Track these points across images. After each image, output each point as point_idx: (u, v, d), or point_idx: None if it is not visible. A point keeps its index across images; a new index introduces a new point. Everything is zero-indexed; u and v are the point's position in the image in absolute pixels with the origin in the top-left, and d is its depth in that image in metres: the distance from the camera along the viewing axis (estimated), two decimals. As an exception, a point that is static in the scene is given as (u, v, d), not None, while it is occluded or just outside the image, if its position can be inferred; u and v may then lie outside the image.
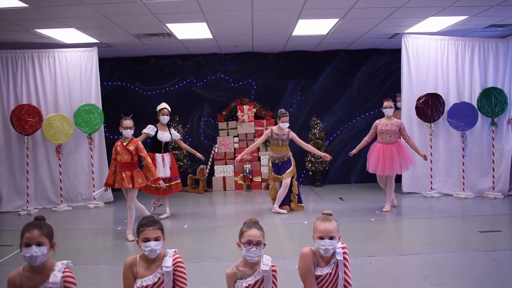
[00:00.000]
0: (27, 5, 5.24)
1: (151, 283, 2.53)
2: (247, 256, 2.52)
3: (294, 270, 3.94)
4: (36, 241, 2.26)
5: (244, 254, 2.53)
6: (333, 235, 2.53)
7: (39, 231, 2.29)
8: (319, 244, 2.54)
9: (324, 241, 2.52)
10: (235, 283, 2.53)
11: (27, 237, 2.27)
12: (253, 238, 2.51)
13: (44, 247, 2.28)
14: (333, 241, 2.53)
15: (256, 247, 2.50)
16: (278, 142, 6.33)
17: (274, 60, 9.09)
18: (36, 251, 2.25)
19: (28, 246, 2.26)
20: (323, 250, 2.53)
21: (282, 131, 6.35)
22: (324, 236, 2.52)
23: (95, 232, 5.89)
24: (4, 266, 4.39)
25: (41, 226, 2.33)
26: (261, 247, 2.53)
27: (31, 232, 2.28)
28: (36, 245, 2.26)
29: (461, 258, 4.16)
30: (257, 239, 2.51)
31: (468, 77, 7.43)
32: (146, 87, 9.07)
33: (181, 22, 6.42)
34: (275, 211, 6.48)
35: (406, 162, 6.20)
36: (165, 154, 6.28)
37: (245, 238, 2.53)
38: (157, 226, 2.60)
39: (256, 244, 2.51)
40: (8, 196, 7.30)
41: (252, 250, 2.50)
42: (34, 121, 7.12)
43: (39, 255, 2.26)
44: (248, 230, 2.54)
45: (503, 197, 7.16)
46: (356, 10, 5.98)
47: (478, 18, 6.50)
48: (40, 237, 2.28)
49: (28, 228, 2.30)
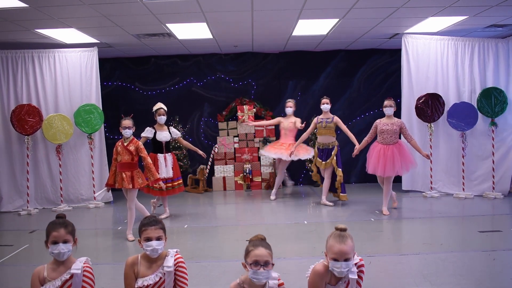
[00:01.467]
0: (27, 5, 5.24)
1: (152, 283, 2.54)
2: (254, 278, 2.33)
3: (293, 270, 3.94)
4: (62, 239, 2.48)
5: (251, 276, 2.33)
6: (349, 256, 2.36)
7: (64, 230, 2.50)
8: (334, 266, 2.38)
9: (339, 263, 2.36)
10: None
11: (55, 236, 2.48)
12: (260, 258, 2.31)
13: (69, 244, 2.51)
14: (349, 262, 2.37)
15: (264, 268, 2.31)
16: (322, 124, 6.75)
17: (274, 60, 9.09)
18: (63, 248, 2.47)
19: (55, 243, 2.47)
20: (337, 272, 2.39)
21: (327, 115, 6.78)
22: (339, 259, 2.36)
23: (95, 232, 5.89)
24: (4, 266, 4.39)
25: (66, 225, 2.54)
26: (269, 268, 2.34)
27: (58, 231, 2.48)
28: (63, 243, 2.47)
29: (461, 258, 4.17)
30: (265, 259, 2.32)
31: (468, 77, 7.43)
32: (146, 87, 9.07)
33: (181, 22, 6.42)
34: (323, 203, 6.91)
35: (406, 163, 6.13)
36: (167, 154, 6.28)
37: (251, 258, 2.32)
38: (159, 226, 2.62)
39: (264, 264, 2.31)
40: (8, 196, 7.31)
41: (259, 272, 2.31)
42: (34, 121, 7.12)
43: (66, 251, 2.48)
44: (255, 250, 2.33)
45: (503, 197, 7.17)
46: (356, 10, 5.99)
47: (478, 18, 6.50)
48: (66, 235, 2.50)
49: (55, 227, 2.50)
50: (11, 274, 4.15)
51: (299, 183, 9.20)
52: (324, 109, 6.76)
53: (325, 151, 6.74)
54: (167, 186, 6.18)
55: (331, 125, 6.69)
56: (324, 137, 6.74)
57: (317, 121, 6.82)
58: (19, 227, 6.29)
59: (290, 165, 9.02)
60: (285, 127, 7.49)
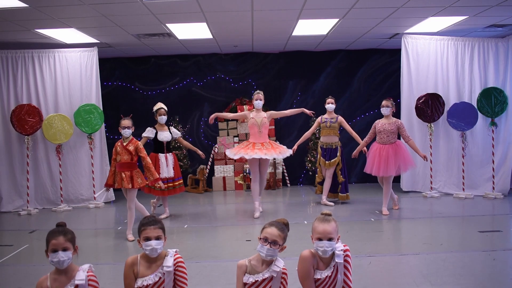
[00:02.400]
0: (27, 5, 5.24)
1: (152, 283, 2.54)
2: (259, 251, 2.51)
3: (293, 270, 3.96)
4: (62, 247, 2.44)
5: (258, 249, 2.53)
6: (332, 236, 2.51)
7: (63, 238, 2.47)
8: (318, 246, 2.53)
9: (322, 242, 2.51)
10: (244, 275, 2.54)
11: (54, 244, 2.45)
12: (269, 236, 2.49)
13: (69, 252, 2.46)
14: (332, 242, 2.52)
15: (271, 246, 2.49)
16: (327, 124, 6.71)
17: (274, 60, 9.09)
18: (63, 256, 2.43)
19: (55, 251, 2.44)
20: (321, 251, 2.52)
21: (331, 114, 6.74)
22: (323, 238, 2.51)
23: (95, 232, 5.89)
24: (4, 266, 4.39)
25: (65, 233, 2.51)
26: (276, 247, 2.50)
27: (57, 239, 2.46)
28: (62, 251, 2.44)
29: (461, 258, 4.17)
30: (274, 238, 2.49)
31: (468, 77, 7.44)
32: (146, 87, 9.07)
33: (181, 22, 6.42)
34: (323, 203, 6.85)
35: (404, 164, 6.10)
36: (168, 154, 6.28)
37: (263, 234, 2.53)
38: (159, 226, 2.62)
39: (272, 242, 2.49)
40: (8, 196, 7.31)
41: (265, 247, 2.48)
42: (34, 121, 7.13)
43: (65, 259, 2.44)
44: (268, 228, 2.54)
45: (503, 197, 7.17)
46: (356, 10, 5.99)
47: (478, 18, 6.50)
48: (65, 243, 2.46)
49: (53, 235, 2.48)
50: (11, 274, 4.15)
51: (299, 183, 9.20)
52: (328, 109, 6.75)
53: (328, 151, 6.74)
54: (168, 186, 6.18)
55: (335, 125, 6.69)
56: (328, 137, 6.74)
57: (321, 120, 6.80)
58: (19, 227, 6.29)
59: (290, 165, 9.05)
60: (257, 123, 6.22)
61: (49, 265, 2.51)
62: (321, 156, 6.83)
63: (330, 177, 6.79)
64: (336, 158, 6.70)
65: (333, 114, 6.77)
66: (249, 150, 6.06)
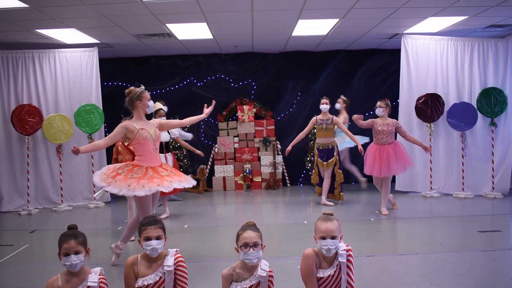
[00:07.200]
0: (27, 6, 5.25)
1: (152, 282, 2.55)
2: (245, 259, 2.48)
3: (293, 270, 3.94)
4: (74, 251, 2.45)
5: (242, 257, 2.50)
6: (335, 234, 2.53)
7: (75, 241, 2.48)
8: (321, 244, 2.53)
9: (326, 241, 2.52)
10: (230, 284, 2.51)
11: (66, 248, 2.46)
12: (249, 240, 2.48)
13: (81, 255, 2.48)
14: (335, 240, 2.53)
15: (253, 249, 2.47)
16: (323, 126, 6.70)
17: (274, 60, 9.09)
18: (75, 259, 2.44)
19: (67, 255, 2.45)
20: (325, 250, 2.53)
21: (326, 115, 6.70)
22: (326, 236, 2.52)
23: (95, 232, 5.89)
24: (4, 266, 4.40)
25: (77, 236, 2.52)
26: (259, 248, 2.50)
27: (69, 243, 2.46)
28: (74, 254, 2.45)
29: (460, 258, 4.17)
30: (253, 240, 2.49)
31: (467, 77, 7.43)
32: (146, 87, 8.85)
33: (181, 22, 6.43)
34: (323, 203, 6.82)
35: (403, 163, 6.13)
36: (167, 154, 6.29)
37: (241, 241, 2.51)
38: (159, 225, 2.63)
39: (253, 245, 2.48)
40: (8, 196, 7.31)
41: (249, 252, 2.47)
42: (34, 121, 7.13)
43: (78, 262, 2.45)
44: (243, 233, 2.52)
45: (503, 197, 7.17)
46: (356, 10, 5.99)
47: (477, 18, 6.51)
48: (77, 246, 2.47)
49: (65, 239, 2.49)
50: (11, 274, 4.15)
51: (299, 183, 9.21)
52: (323, 110, 6.72)
53: (325, 151, 6.73)
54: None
55: (331, 126, 6.69)
56: (324, 138, 6.73)
57: (316, 122, 6.78)
58: (20, 227, 6.29)
59: (290, 165, 9.06)
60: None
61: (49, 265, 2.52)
62: (318, 158, 6.81)
63: (329, 177, 6.78)
64: (333, 158, 6.69)
65: (327, 115, 6.73)
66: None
